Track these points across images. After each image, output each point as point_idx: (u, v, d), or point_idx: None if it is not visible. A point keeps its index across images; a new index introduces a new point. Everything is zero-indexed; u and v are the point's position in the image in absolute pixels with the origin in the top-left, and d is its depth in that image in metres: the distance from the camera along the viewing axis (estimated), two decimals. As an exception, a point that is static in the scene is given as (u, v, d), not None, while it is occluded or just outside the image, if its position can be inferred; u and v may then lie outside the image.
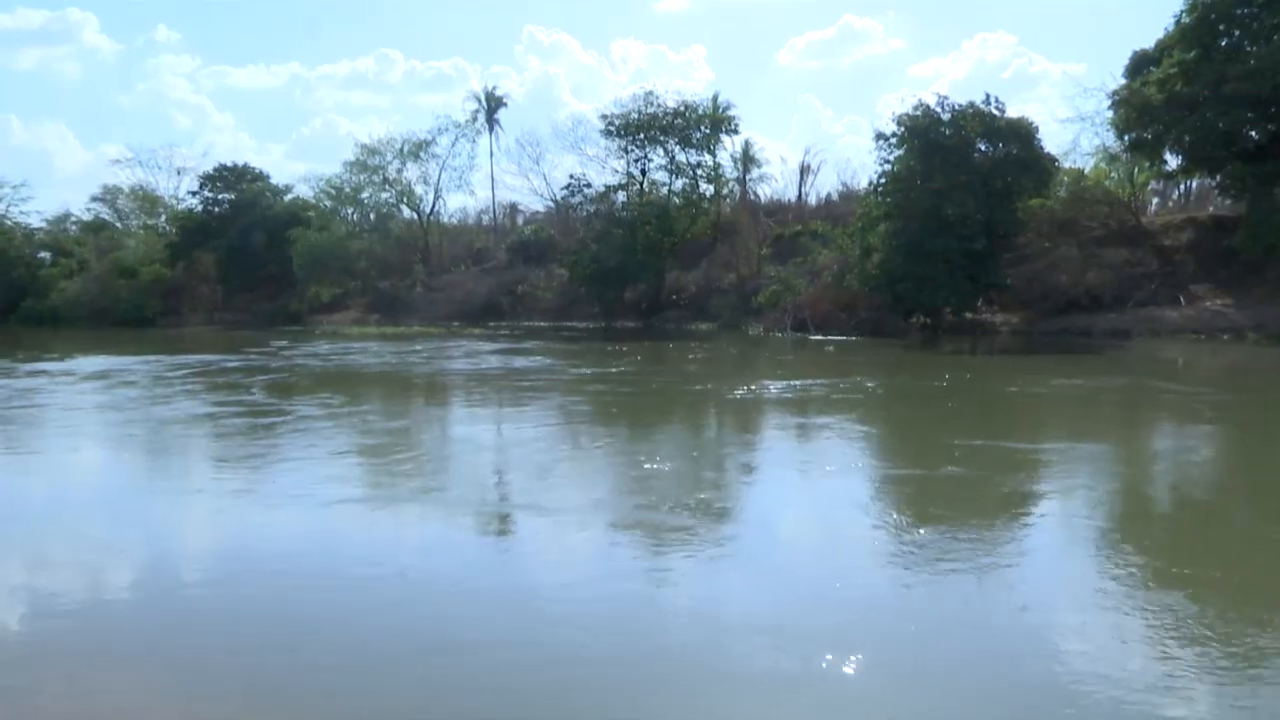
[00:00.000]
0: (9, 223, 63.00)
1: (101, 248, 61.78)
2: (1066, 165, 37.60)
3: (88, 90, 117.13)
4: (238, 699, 4.99)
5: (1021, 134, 33.68)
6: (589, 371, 22.46)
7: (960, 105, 33.83)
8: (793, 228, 47.37)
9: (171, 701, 4.98)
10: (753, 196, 52.20)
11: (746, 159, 51.69)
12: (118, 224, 67.45)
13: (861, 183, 47.33)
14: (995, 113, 33.84)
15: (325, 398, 18.68)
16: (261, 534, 8.19)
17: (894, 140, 34.45)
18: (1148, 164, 36.08)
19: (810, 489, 10.06)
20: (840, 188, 52.75)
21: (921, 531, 7.84)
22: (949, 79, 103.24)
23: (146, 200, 66.27)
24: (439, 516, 8.72)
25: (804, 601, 6.31)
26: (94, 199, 68.72)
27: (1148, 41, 34.19)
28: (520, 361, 25.68)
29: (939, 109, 33.79)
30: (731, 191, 50.24)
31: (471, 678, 5.24)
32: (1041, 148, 34.31)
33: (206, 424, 14.65)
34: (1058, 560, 7.38)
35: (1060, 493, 9.65)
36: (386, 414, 16.80)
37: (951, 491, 9.39)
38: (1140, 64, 33.75)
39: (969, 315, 34.57)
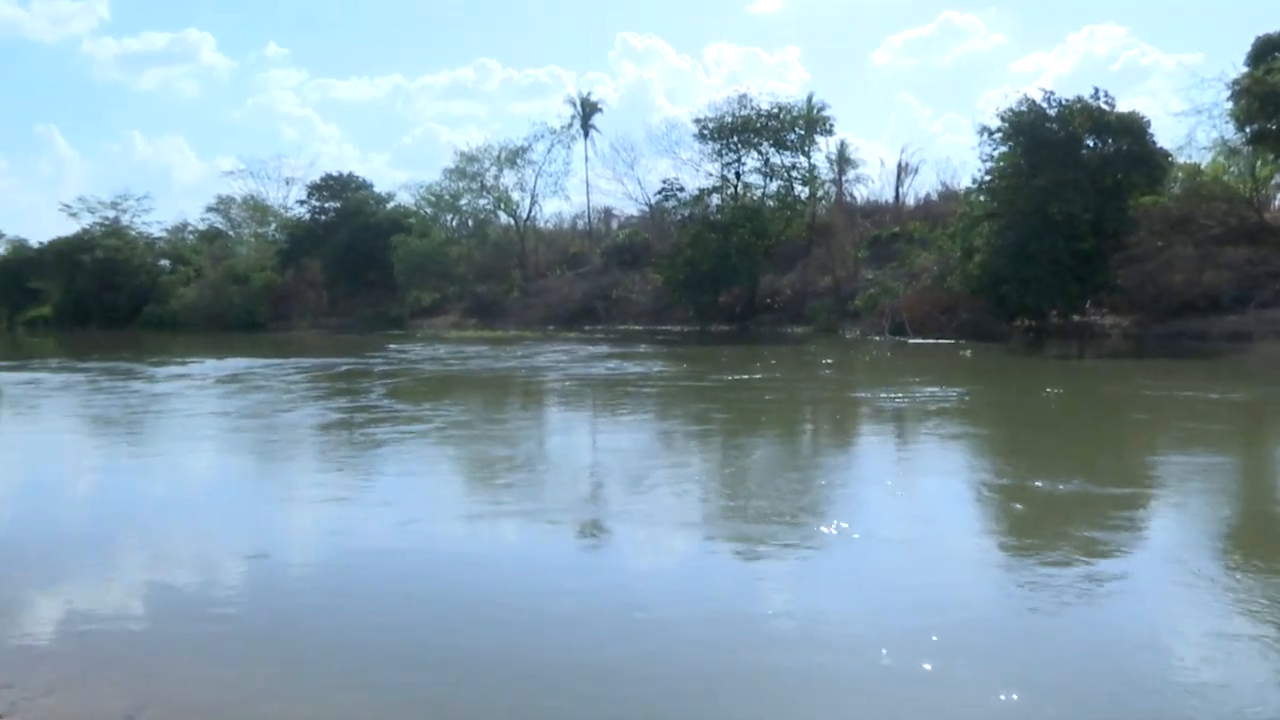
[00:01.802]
0: (133, 233, 66.45)
1: (216, 255, 64.69)
2: (1181, 160, 36.01)
3: (204, 106, 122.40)
4: (339, 697, 5.15)
5: (1132, 129, 32.48)
6: (728, 378, 21.79)
7: (1067, 100, 32.81)
8: (890, 229, 46.55)
9: (278, 695, 5.16)
10: (848, 198, 51.54)
11: (842, 160, 51.08)
12: (231, 232, 70.51)
13: (962, 182, 46.20)
14: (1104, 107, 32.71)
15: (460, 404, 18.87)
16: (398, 545, 8.24)
17: (998, 136, 33.58)
18: (1272, 157, 34.31)
19: (1042, 508, 9.03)
20: (939, 188, 51.54)
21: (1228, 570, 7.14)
22: (1054, 74, 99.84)
23: (257, 209, 69.07)
24: (644, 536, 8.35)
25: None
26: (209, 209, 72.11)
27: (1273, 25, 32.55)
28: (657, 367, 25.06)
29: (1045, 104, 32.82)
30: (827, 193, 49.69)
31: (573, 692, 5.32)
32: (1154, 142, 33.03)
33: (344, 431, 14.81)
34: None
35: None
36: (536, 422, 16.62)
37: (1197, 516, 8.87)
38: (1265, 50, 32.07)
39: (1076, 318, 33.45)
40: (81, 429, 16.44)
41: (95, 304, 60.56)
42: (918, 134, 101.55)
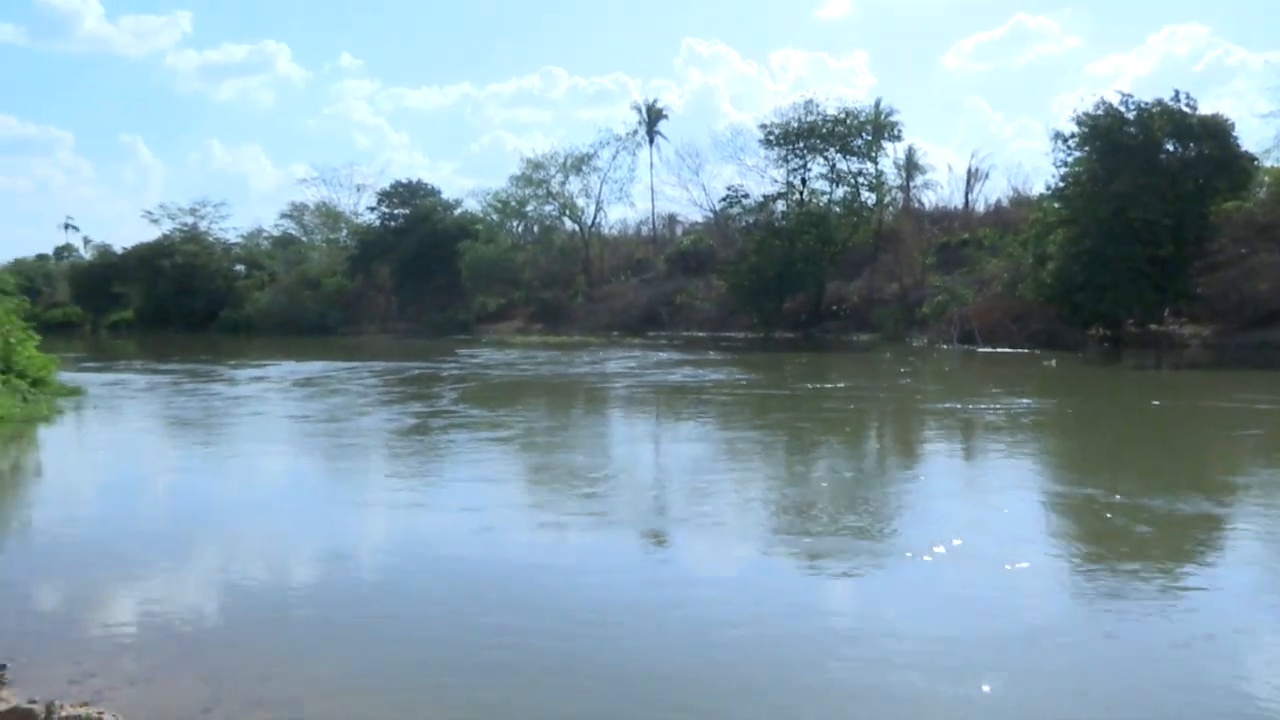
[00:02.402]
0: (210, 239, 68.38)
1: (289, 261, 66.36)
2: (1267, 164, 34.77)
3: (280, 115, 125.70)
4: (410, 698, 5.26)
5: (1215, 132, 31.41)
6: (809, 387, 21.36)
7: (1146, 103, 31.91)
8: (959, 236, 45.79)
9: (349, 694, 5.26)
10: (917, 204, 50.79)
11: (910, 166, 50.36)
12: (304, 238, 72.22)
13: (1034, 188, 45.23)
14: (1185, 110, 31.71)
15: (536, 410, 18.91)
16: (474, 552, 8.31)
17: (1073, 141, 32.79)
18: (1365, 161, 32.95)
19: (1162, 528, 8.46)
20: (1011, 193, 50.44)
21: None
22: (1132, 76, 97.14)
23: (329, 216, 70.61)
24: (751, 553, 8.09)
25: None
26: (283, 215, 74.00)
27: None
28: (734, 374, 24.50)
29: (1123, 107, 31.96)
30: (894, 199, 49.06)
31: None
32: (1238, 146, 31.90)
33: (420, 436, 14.89)
34: None
35: None
36: (615, 430, 16.43)
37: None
38: (1356, 52, 30.86)
39: (1154, 327, 32.47)
40: (163, 430, 16.95)
41: (174, 307, 62.43)
42: (988, 139, 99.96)
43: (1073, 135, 32.74)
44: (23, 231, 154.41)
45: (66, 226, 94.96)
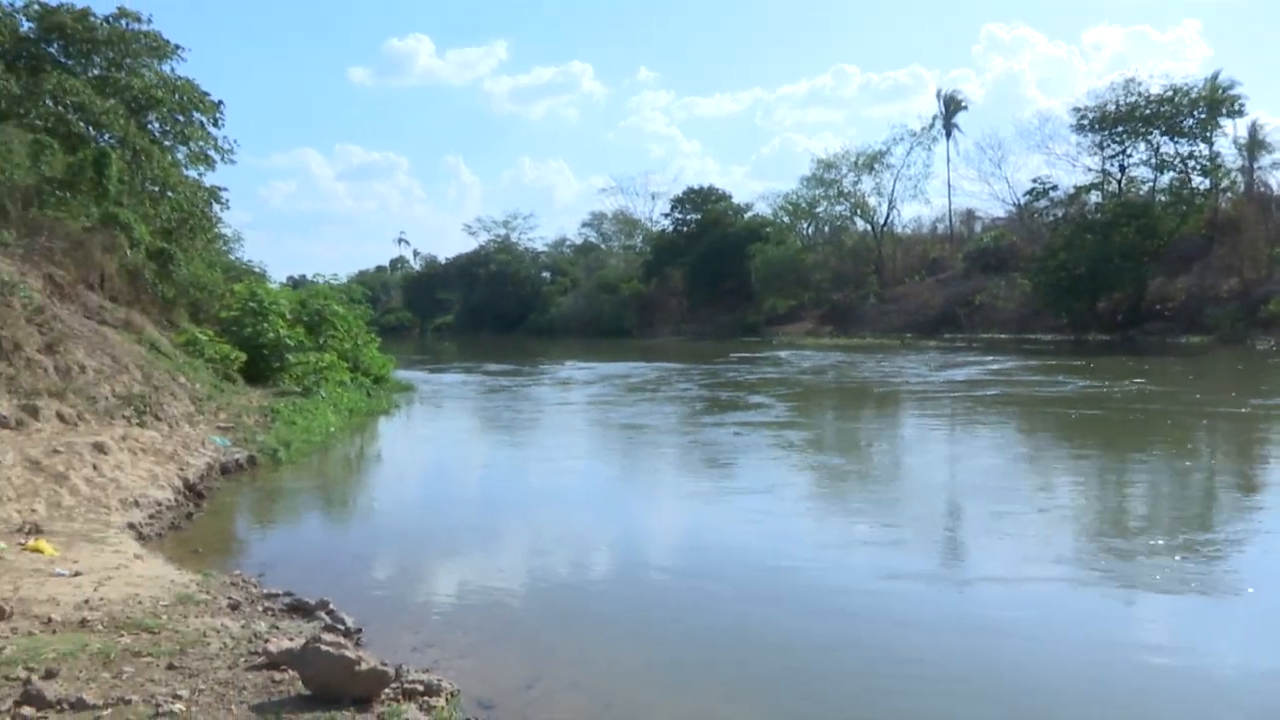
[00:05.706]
0: (520, 248, 74.08)
1: (589, 267, 70.33)
2: None
3: (583, 130, 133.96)
4: (709, 694, 5.34)
5: None
6: (1261, 403, 17.87)
7: None
8: (1318, 222, 40.01)
9: (652, 684, 5.43)
10: (1262, 188, 45.02)
11: (1254, 144, 44.79)
12: (602, 245, 76.26)
13: None
14: None
15: (863, 424, 18.06)
16: (775, 560, 8.25)
17: None
18: None
19: None
20: (1392, 169, 43.42)
21: None
22: None
23: (626, 223, 74.07)
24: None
25: None
26: (584, 224, 78.70)
27: None
28: (1110, 386, 20.73)
29: None
30: (1234, 183, 43.80)
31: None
32: None
33: (744, 444, 14.29)
34: None
35: None
36: (980, 454, 14.01)
37: None
38: None
39: None
40: (497, 427, 17.98)
41: (488, 311, 68.19)
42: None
43: None
44: (367, 246, 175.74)
45: (400, 240, 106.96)
